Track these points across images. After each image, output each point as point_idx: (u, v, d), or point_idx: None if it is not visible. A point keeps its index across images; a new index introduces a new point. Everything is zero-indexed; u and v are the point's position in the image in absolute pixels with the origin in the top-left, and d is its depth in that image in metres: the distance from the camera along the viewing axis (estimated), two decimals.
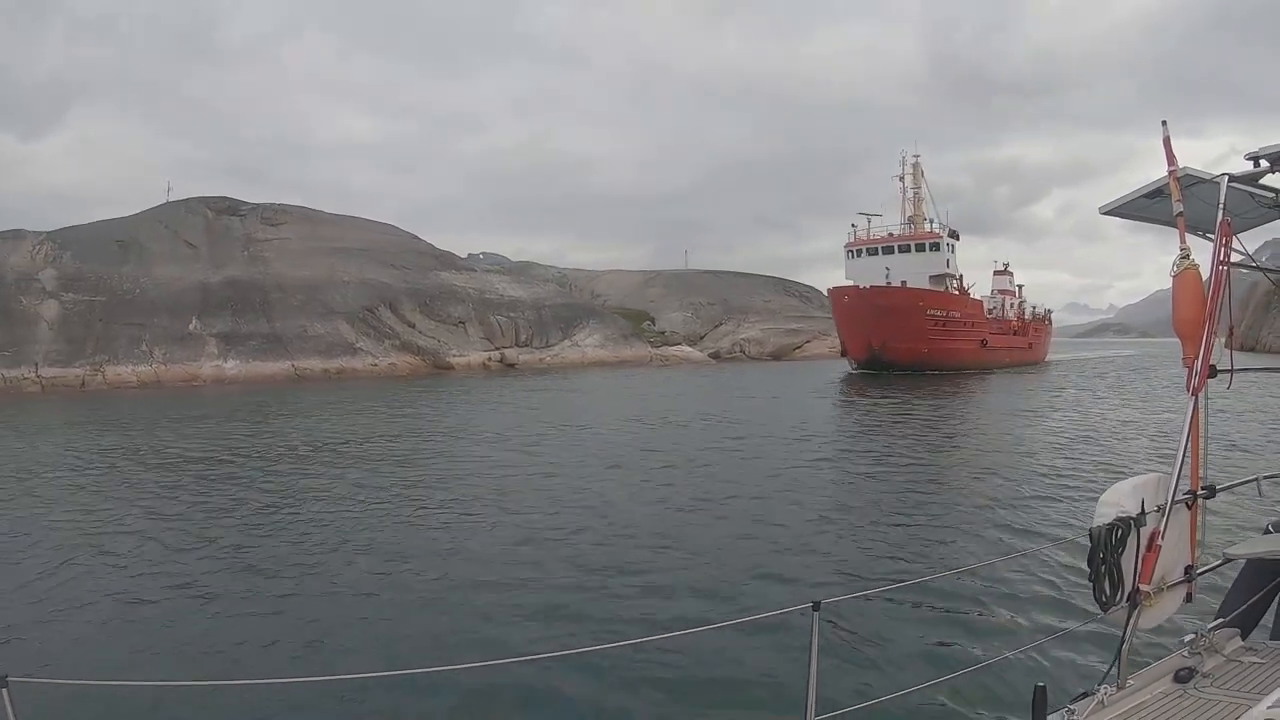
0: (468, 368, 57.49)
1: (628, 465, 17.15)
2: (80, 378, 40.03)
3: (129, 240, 49.86)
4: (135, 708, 6.07)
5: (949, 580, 8.75)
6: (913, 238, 64.04)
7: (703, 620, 7.80)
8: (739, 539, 11.55)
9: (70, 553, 10.66)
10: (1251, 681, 3.89)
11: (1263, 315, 77.86)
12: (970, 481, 14.35)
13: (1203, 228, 4.54)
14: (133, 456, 18.92)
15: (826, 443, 19.61)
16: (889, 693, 4.13)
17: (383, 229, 67.86)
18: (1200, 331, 4.10)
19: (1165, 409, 25.52)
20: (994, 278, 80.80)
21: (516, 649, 7.06)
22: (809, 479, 14.89)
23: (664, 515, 12.98)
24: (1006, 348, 67.28)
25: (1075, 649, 6.73)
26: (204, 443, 21.38)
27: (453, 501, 13.88)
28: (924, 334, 55.21)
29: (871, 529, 11.52)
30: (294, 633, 7.97)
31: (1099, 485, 8.00)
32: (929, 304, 57.27)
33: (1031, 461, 15.95)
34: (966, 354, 58.90)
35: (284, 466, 17.61)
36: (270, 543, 11.39)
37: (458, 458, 18.33)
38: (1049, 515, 11.51)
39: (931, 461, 16.55)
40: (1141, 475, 4.14)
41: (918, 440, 19.60)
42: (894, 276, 59.96)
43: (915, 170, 67.28)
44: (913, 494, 13.13)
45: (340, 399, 34.38)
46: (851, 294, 58.04)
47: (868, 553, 10.76)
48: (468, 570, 9.76)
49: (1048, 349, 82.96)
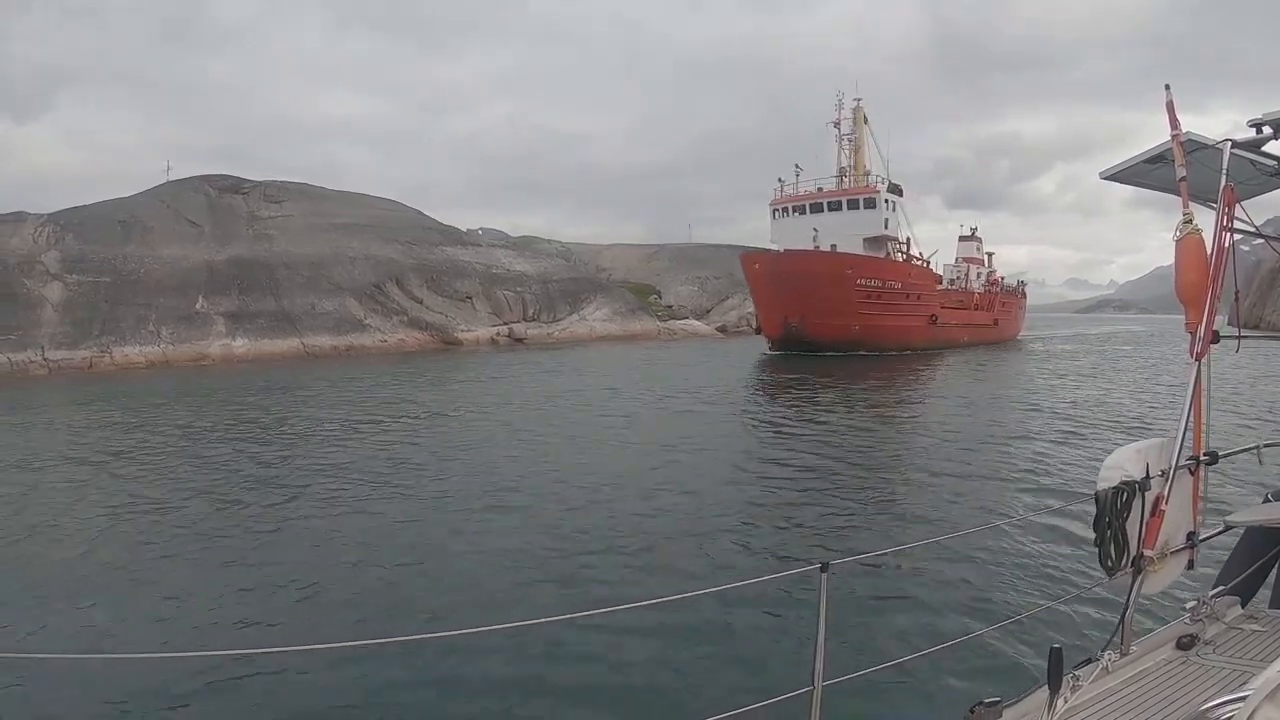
0: (476, 343, 57.38)
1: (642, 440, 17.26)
2: (88, 359, 39.98)
3: (131, 220, 49.56)
4: (147, 680, 6.06)
5: (956, 543, 8.71)
6: (843, 193, 54.42)
7: (709, 581, 7.77)
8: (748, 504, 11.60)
9: (111, 527, 10.82)
10: (1253, 649, 3.93)
11: (1268, 293, 76.67)
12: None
13: (1204, 195, 4.49)
14: (165, 434, 19.14)
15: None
16: (897, 656, 4.05)
17: (386, 205, 67.53)
18: (1203, 297, 4.06)
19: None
20: (959, 244, 71.76)
21: (529, 612, 7.08)
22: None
23: (671, 482, 13.02)
24: (964, 324, 58.80)
25: (1080, 614, 6.68)
26: (230, 419, 22.12)
27: (483, 467, 14.38)
28: (853, 308, 46.93)
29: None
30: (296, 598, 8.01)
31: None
32: (860, 271, 48.14)
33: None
34: (912, 332, 50.75)
35: (309, 442, 18.04)
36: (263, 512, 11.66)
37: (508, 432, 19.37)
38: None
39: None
40: (1145, 440, 4.13)
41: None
42: (823, 240, 50.86)
43: (856, 116, 56.83)
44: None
45: (355, 375, 34.40)
46: (763, 260, 49.44)
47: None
48: (489, 539, 9.83)
49: (1019, 326, 75.63)
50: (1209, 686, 3.49)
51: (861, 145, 56.82)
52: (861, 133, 56.96)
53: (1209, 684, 3.52)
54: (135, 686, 5.92)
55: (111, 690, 5.88)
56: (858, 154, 56.68)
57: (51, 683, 5.92)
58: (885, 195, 53.33)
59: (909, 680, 5.56)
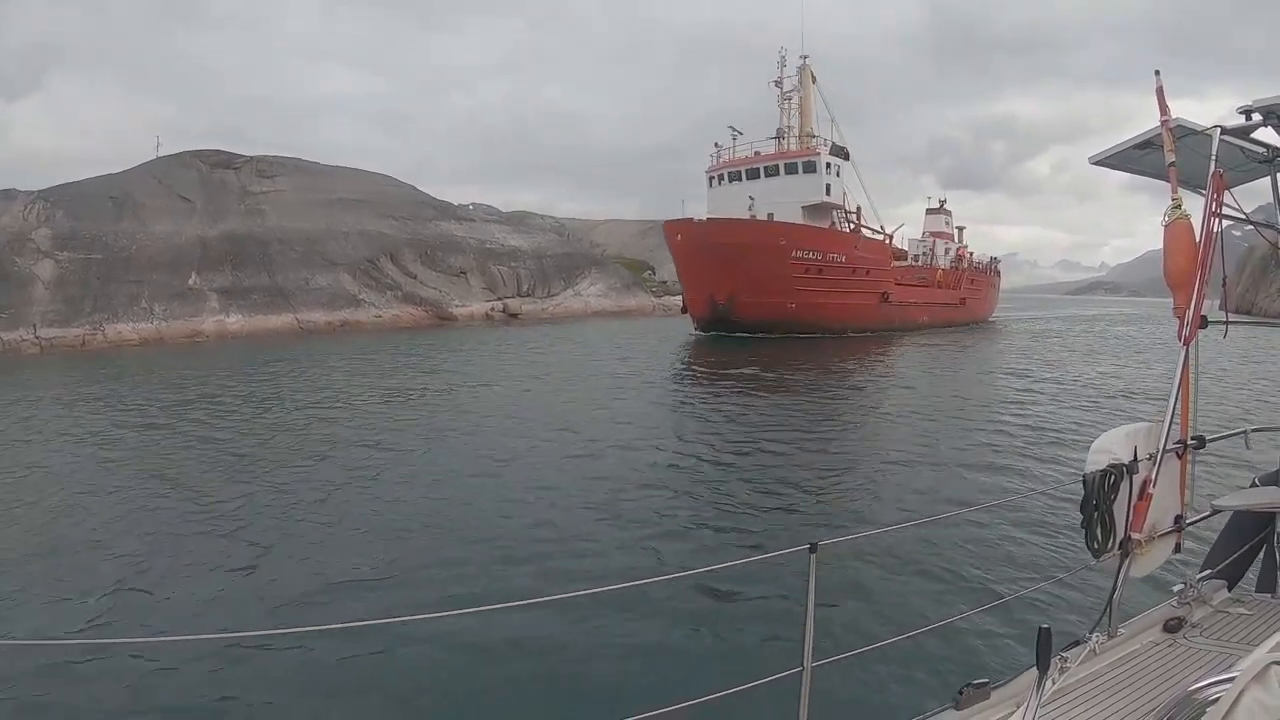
0: (470, 318, 57.31)
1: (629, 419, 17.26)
2: (80, 337, 39.79)
3: (122, 196, 49.11)
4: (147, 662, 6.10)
5: (944, 524, 8.78)
6: (781, 156, 48.28)
7: (698, 562, 7.83)
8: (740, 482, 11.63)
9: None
10: (1240, 632, 3.96)
11: (1259, 279, 76.67)
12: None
13: (1194, 182, 4.52)
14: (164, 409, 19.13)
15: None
16: (886, 637, 4.11)
17: (379, 180, 66.99)
18: (1191, 282, 4.08)
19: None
20: (925, 217, 66.99)
21: (513, 594, 7.08)
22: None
23: (658, 463, 13.06)
24: (923, 303, 53.55)
25: (1067, 596, 6.76)
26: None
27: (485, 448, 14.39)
28: (789, 284, 41.58)
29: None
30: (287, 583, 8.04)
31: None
32: (796, 242, 42.52)
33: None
34: (859, 311, 45.65)
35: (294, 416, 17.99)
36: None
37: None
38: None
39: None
40: (1133, 424, 4.13)
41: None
42: (759, 208, 45.47)
43: (803, 75, 50.39)
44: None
45: (351, 351, 34.37)
46: (686, 231, 42.96)
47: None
48: (473, 523, 9.83)
49: (991, 306, 70.55)
50: (1196, 668, 3.51)
51: (809, 108, 50.73)
52: (809, 93, 50.76)
53: (1196, 666, 3.56)
54: (140, 672, 5.95)
55: (125, 677, 5.90)
56: (804, 116, 50.55)
57: (53, 672, 5.87)
58: (828, 158, 47.49)
59: (898, 661, 5.60)
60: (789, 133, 50.33)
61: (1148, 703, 3.19)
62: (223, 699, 5.60)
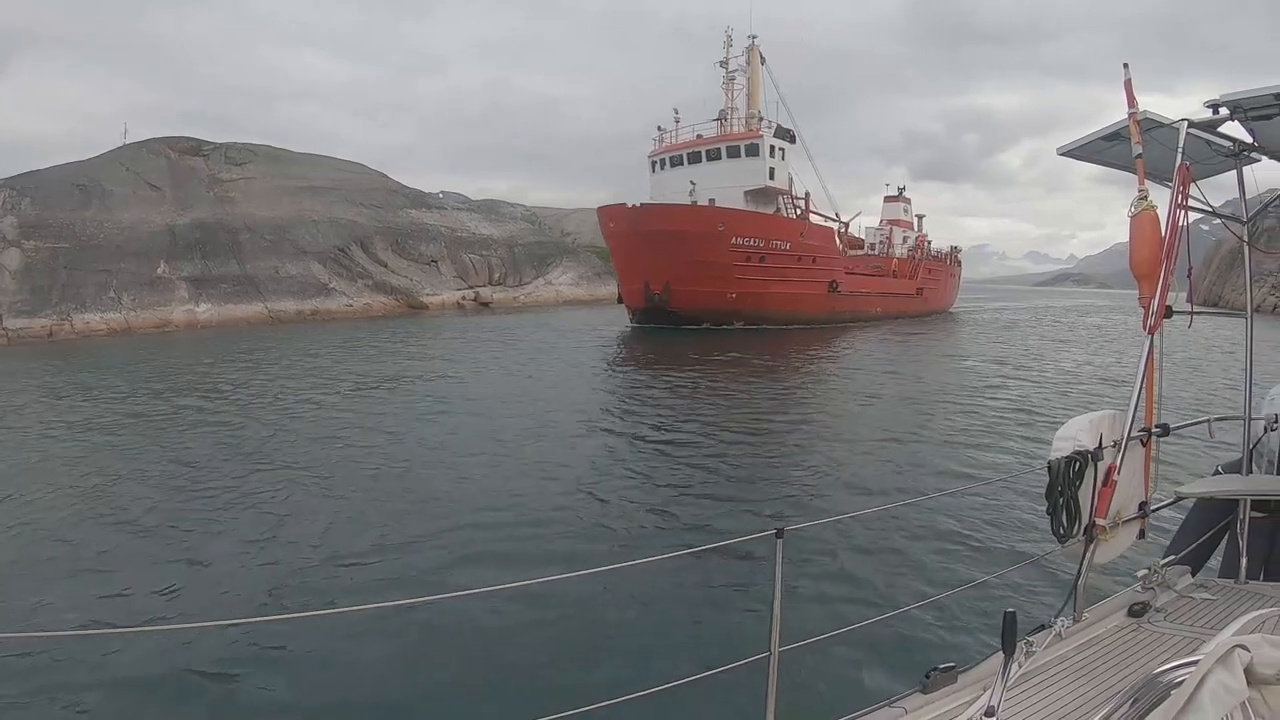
0: (442, 307, 57.32)
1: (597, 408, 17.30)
2: (47, 328, 39.27)
3: (90, 184, 48.43)
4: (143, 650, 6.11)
5: (910, 510, 8.91)
6: (722, 139, 46.32)
7: (663, 548, 7.89)
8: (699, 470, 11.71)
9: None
10: (1203, 617, 4.02)
11: (1226, 274, 77.68)
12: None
13: (1161, 174, 4.56)
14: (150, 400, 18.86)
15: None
16: (852, 622, 4.19)
17: (350, 167, 66.47)
18: (1156, 272, 4.12)
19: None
20: (884, 204, 64.81)
21: (474, 582, 7.15)
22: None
23: (621, 447, 13.11)
24: (876, 293, 51.54)
25: (1032, 582, 6.93)
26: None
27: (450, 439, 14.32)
28: (728, 273, 39.94)
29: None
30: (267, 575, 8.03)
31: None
32: (736, 229, 40.55)
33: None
34: (805, 302, 43.85)
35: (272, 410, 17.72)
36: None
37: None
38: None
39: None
40: (1098, 411, 4.20)
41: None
42: (700, 194, 43.52)
43: (751, 55, 48.01)
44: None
45: (322, 341, 34.09)
46: (619, 217, 40.91)
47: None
48: (445, 507, 9.85)
49: (951, 297, 69.18)
50: (1160, 652, 3.58)
51: (756, 89, 48.57)
52: (756, 74, 48.48)
53: (1160, 650, 3.62)
54: (144, 661, 5.99)
55: (128, 666, 5.94)
56: (752, 98, 48.47)
57: (53, 662, 5.91)
58: (771, 141, 45.34)
59: (865, 645, 5.65)
60: (732, 114, 48.34)
61: (1113, 686, 3.24)
62: (211, 681, 5.65)
